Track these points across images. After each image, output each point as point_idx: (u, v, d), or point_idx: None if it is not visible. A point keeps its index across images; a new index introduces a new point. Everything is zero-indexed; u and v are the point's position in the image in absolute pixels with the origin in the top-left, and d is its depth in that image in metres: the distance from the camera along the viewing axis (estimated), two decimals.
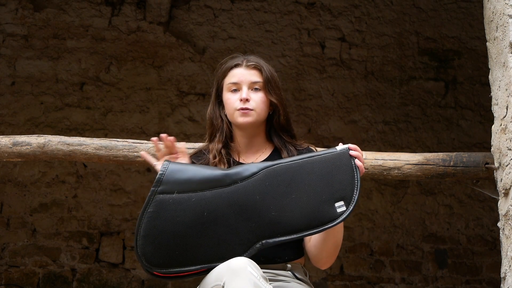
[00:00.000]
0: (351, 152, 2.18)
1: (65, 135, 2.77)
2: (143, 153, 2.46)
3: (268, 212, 2.13)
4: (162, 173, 2.18)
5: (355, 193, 2.15)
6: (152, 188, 2.16)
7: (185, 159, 2.38)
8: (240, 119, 2.36)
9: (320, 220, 2.13)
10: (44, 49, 5.27)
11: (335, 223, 2.13)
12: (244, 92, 2.36)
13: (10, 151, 2.67)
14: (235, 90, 2.38)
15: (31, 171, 5.18)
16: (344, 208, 2.13)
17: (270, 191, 2.14)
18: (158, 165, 2.33)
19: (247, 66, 2.39)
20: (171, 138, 2.38)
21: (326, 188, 2.14)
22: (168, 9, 5.39)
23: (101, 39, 5.33)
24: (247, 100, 2.35)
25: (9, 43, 5.24)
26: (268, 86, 2.37)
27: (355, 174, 2.16)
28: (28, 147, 2.68)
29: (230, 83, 2.39)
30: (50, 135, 2.73)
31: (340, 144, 2.23)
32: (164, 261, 2.12)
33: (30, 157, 2.69)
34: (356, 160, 2.17)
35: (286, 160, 2.20)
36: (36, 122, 5.20)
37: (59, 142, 2.69)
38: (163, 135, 2.37)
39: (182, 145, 2.43)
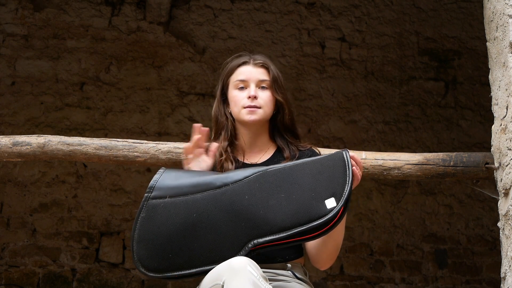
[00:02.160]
0: (350, 153, 2.16)
1: (65, 135, 2.76)
2: (197, 127, 2.38)
3: (256, 211, 2.11)
4: (156, 180, 2.20)
5: (346, 188, 2.10)
6: (145, 194, 2.19)
7: (207, 162, 2.37)
8: (247, 116, 2.36)
9: (308, 216, 2.09)
10: (44, 49, 5.27)
11: (324, 219, 2.08)
12: (252, 89, 2.36)
13: (10, 151, 2.67)
14: (242, 88, 2.38)
15: (31, 171, 5.17)
16: (334, 204, 2.09)
17: (259, 191, 2.14)
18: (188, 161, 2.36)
19: (255, 64, 2.40)
20: (203, 131, 2.37)
21: (315, 186, 2.12)
22: (168, 9, 5.39)
23: (101, 39, 5.33)
24: (255, 97, 2.36)
25: (9, 43, 5.24)
26: (275, 85, 2.38)
27: (347, 171, 2.12)
28: (28, 147, 2.67)
29: (238, 80, 2.39)
30: (50, 135, 2.72)
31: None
32: (158, 265, 2.13)
33: (30, 157, 2.69)
34: (353, 168, 2.15)
35: (279, 165, 2.19)
36: (36, 122, 5.20)
37: (59, 142, 2.69)
38: (199, 128, 2.37)
39: (214, 147, 2.38)
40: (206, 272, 2.11)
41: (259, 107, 2.36)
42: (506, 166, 2.42)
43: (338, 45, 5.56)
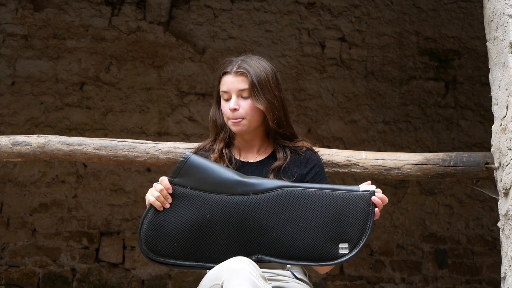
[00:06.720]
0: (374, 198, 2.16)
1: (65, 135, 2.77)
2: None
3: (270, 231, 2.13)
4: (180, 166, 2.19)
5: (362, 239, 2.13)
6: (168, 178, 2.19)
7: None
8: (233, 128, 2.38)
9: (319, 255, 2.13)
10: (44, 49, 5.27)
11: (333, 262, 2.14)
12: (233, 101, 2.35)
13: (10, 151, 2.67)
14: (227, 99, 2.37)
15: (31, 171, 5.17)
16: (346, 251, 2.12)
17: (278, 213, 2.14)
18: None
19: (236, 73, 2.36)
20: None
21: (335, 226, 2.13)
22: (168, 9, 5.39)
23: (101, 39, 5.33)
24: (235, 109, 2.34)
25: (9, 43, 5.24)
26: (254, 92, 2.33)
27: (369, 221, 2.14)
28: (28, 147, 2.68)
29: (222, 92, 2.39)
30: (50, 135, 2.73)
31: (366, 184, 2.19)
32: (161, 248, 2.15)
33: (30, 157, 2.69)
34: (376, 209, 2.16)
35: (304, 186, 2.19)
36: (36, 122, 5.20)
37: (59, 142, 2.69)
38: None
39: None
40: (201, 268, 2.14)
41: (242, 118, 2.35)
42: (506, 166, 2.42)
43: (338, 45, 5.56)
